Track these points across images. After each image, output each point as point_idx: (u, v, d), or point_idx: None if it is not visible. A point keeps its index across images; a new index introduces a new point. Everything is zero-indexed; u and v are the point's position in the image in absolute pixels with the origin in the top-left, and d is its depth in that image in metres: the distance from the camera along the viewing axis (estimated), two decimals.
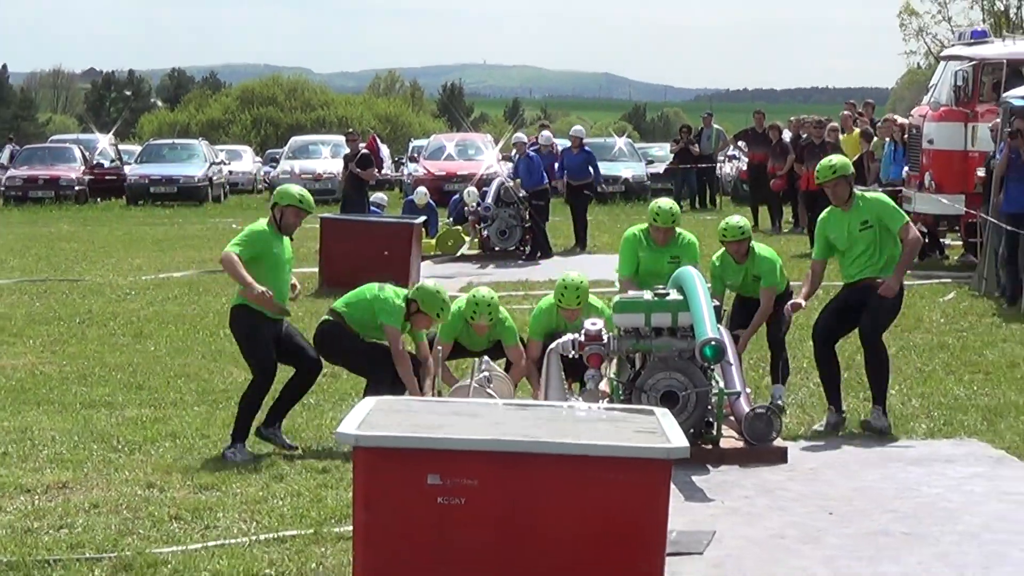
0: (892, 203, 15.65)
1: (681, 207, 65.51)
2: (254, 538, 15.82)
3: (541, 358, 20.12)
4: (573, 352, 18.93)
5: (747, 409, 18.93)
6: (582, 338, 18.79)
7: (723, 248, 22.10)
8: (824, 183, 18.83)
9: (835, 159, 18.08)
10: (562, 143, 60.40)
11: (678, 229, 22.06)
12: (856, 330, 18.76)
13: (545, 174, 49.71)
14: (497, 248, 46.95)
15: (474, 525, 11.20)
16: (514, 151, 52.46)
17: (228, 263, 20.27)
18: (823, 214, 19.83)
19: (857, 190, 16.25)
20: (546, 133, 56.77)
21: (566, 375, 20.09)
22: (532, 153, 50.97)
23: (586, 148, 52.80)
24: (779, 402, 20.78)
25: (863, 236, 18.50)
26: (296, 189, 21.93)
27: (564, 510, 11.20)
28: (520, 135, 56.13)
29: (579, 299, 20.78)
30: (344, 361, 22.33)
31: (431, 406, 13.18)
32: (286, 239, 21.43)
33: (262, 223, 21.24)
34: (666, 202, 21.86)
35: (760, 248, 21.46)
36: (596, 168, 52.03)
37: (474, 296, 22.67)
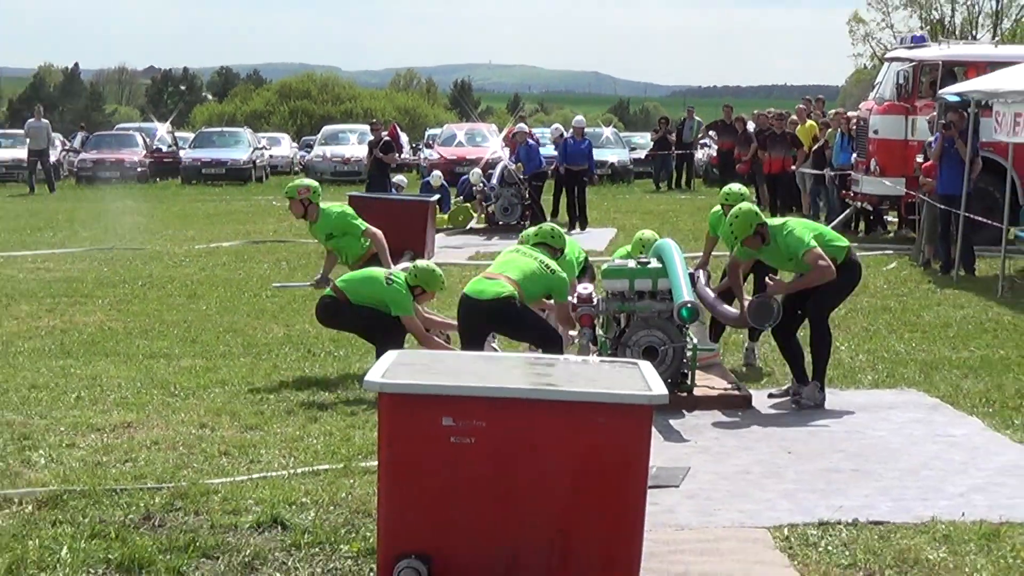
0: (797, 235, 14.68)
1: (659, 188, 65.95)
2: (292, 471, 15.93)
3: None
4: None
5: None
6: (575, 300, 18.83)
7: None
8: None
9: (733, 228, 17.03)
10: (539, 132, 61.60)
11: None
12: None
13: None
14: (500, 223, 47.11)
15: (481, 461, 11.23)
16: (516, 139, 52.58)
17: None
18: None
19: (776, 221, 15.21)
20: (521, 125, 57.05)
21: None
22: (532, 142, 51.20)
23: (586, 138, 52.24)
24: (754, 361, 21.07)
25: (787, 265, 17.87)
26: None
27: (560, 449, 11.22)
28: (522, 126, 56.21)
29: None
30: (354, 327, 21.77)
31: (446, 359, 13.16)
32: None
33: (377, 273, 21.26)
34: (735, 186, 21.24)
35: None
36: (591, 157, 51.71)
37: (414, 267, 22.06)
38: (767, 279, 17.57)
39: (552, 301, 19.29)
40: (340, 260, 24.58)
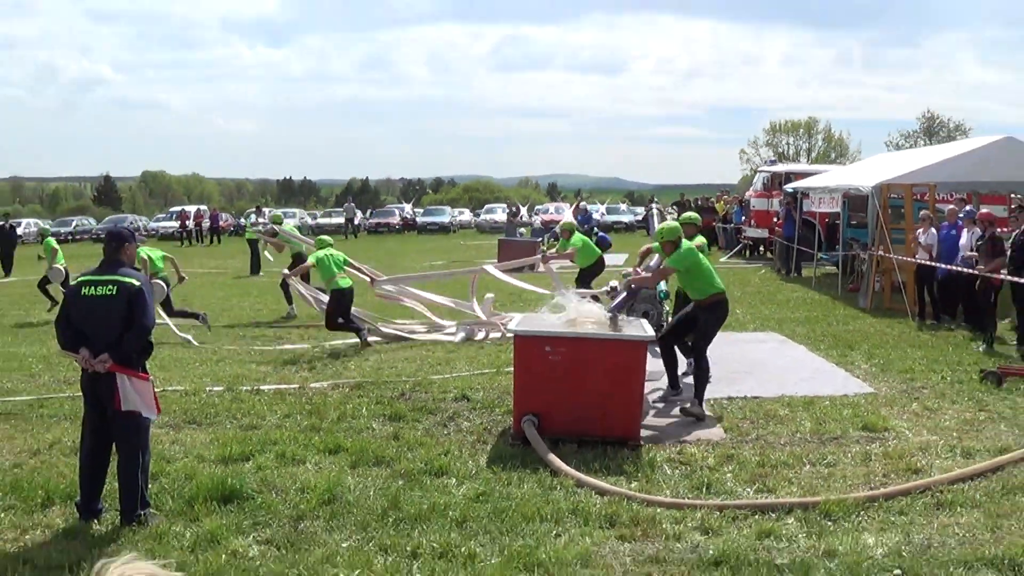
0: (678, 251, 13.18)
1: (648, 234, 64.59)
2: (471, 372, 15.95)
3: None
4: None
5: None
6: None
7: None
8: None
9: (662, 230, 13.68)
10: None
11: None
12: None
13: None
14: None
15: (563, 367, 11.38)
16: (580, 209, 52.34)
17: None
18: None
19: (689, 248, 13.64)
20: (583, 204, 56.72)
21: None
22: (587, 210, 50.97)
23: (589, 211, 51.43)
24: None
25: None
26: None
27: (602, 362, 11.37)
28: (584, 204, 56.10)
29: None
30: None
31: (548, 318, 13.24)
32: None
33: None
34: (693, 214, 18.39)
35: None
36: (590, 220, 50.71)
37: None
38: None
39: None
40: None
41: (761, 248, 42.27)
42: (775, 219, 37.50)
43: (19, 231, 56.65)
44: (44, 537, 8.88)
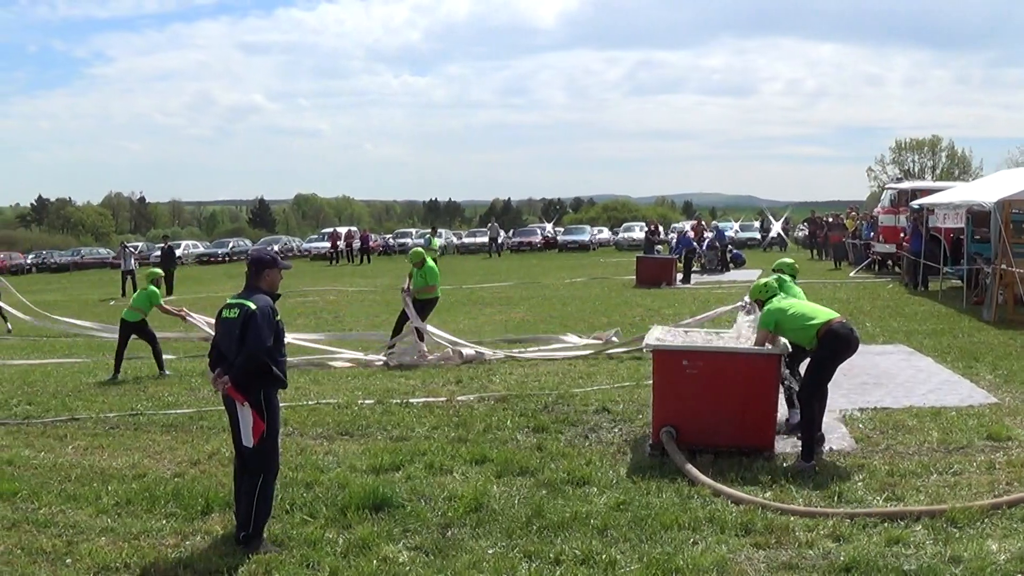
0: (765, 311, 12.06)
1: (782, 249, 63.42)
2: (612, 385, 15.92)
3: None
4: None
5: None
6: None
7: None
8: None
9: (752, 290, 12.61)
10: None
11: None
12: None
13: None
14: (708, 268, 45.06)
15: (701, 380, 11.33)
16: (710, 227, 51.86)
17: None
18: None
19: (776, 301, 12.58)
20: (715, 223, 56.21)
21: None
22: (717, 228, 50.47)
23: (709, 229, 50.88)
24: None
25: None
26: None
27: (739, 374, 11.29)
28: (716, 223, 55.52)
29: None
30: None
31: (681, 334, 13.17)
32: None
33: None
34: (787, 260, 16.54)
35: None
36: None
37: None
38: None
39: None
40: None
41: (889, 263, 41.56)
42: (902, 235, 36.86)
43: (177, 252, 58.01)
44: (204, 544, 9.09)
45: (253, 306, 8.79)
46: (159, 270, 20.55)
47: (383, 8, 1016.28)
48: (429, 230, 51.90)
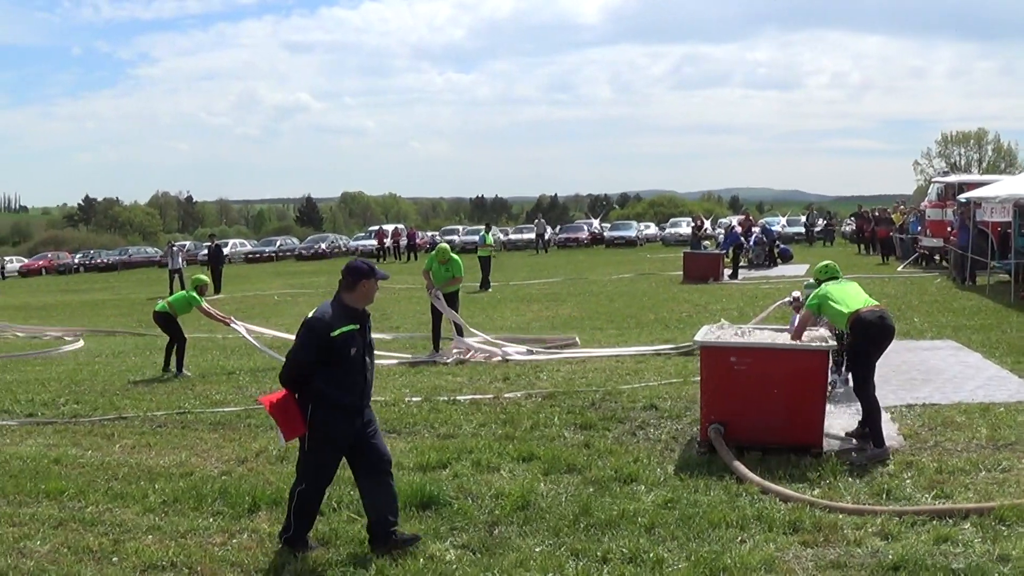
0: (810, 300, 12.10)
1: (825, 245, 62.80)
2: (660, 382, 15.85)
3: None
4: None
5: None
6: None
7: None
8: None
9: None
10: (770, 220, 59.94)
11: None
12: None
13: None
14: (755, 263, 44.53)
15: (749, 376, 11.28)
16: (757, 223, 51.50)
17: None
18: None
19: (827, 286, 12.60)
20: (763, 219, 55.76)
21: None
22: (765, 224, 50.13)
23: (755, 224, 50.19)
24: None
25: None
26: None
27: (786, 370, 11.23)
28: (764, 219, 55.13)
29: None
30: None
31: (730, 331, 13.10)
32: None
33: None
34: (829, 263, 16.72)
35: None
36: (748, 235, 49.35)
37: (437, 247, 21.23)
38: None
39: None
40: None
41: (937, 257, 41.25)
42: (949, 229, 36.59)
43: (225, 251, 58.29)
44: (251, 542, 9.10)
45: (309, 314, 8.44)
46: (205, 277, 20.56)
47: (426, 6, 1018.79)
48: (483, 227, 51.81)
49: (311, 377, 8.32)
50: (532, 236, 77.72)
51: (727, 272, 38.80)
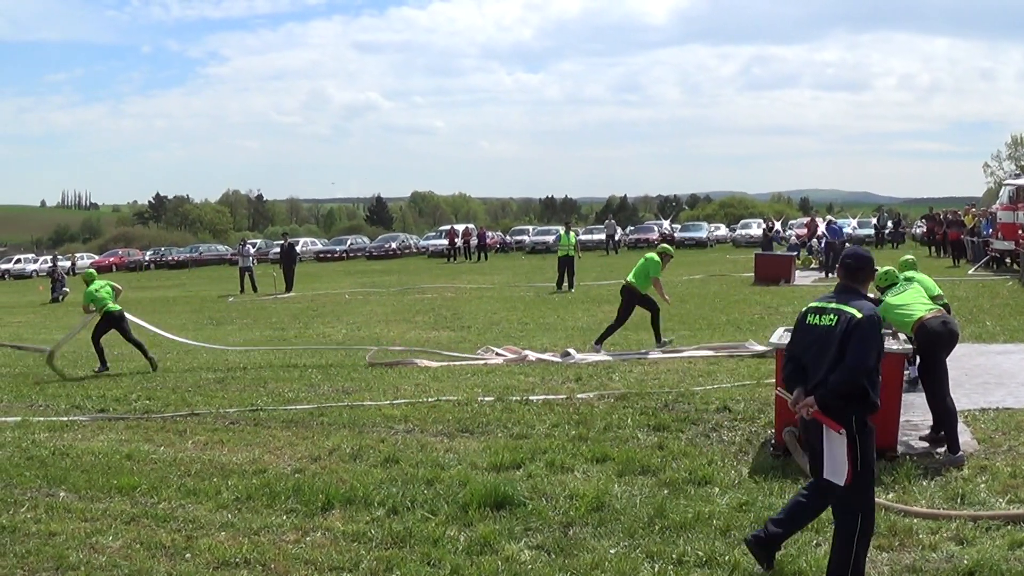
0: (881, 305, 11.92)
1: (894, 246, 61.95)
2: (731, 384, 15.73)
3: None
4: None
5: None
6: None
7: None
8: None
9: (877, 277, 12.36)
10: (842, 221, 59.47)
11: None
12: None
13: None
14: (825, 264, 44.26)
15: None
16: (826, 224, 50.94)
17: None
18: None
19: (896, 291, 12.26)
20: (829, 217, 55.20)
21: None
22: (836, 225, 49.62)
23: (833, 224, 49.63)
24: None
25: None
26: None
27: None
28: (831, 217, 54.65)
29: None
30: None
31: None
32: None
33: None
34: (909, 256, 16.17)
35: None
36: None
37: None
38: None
39: None
40: None
41: (1008, 260, 40.67)
42: (1020, 231, 36.08)
43: (297, 249, 58.69)
44: (324, 540, 9.11)
45: (858, 314, 7.37)
46: (93, 271, 21.74)
47: (495, 6, 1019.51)
48: (562, 227, 51.96)
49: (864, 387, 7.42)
50: (602, 237, 77.72)
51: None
